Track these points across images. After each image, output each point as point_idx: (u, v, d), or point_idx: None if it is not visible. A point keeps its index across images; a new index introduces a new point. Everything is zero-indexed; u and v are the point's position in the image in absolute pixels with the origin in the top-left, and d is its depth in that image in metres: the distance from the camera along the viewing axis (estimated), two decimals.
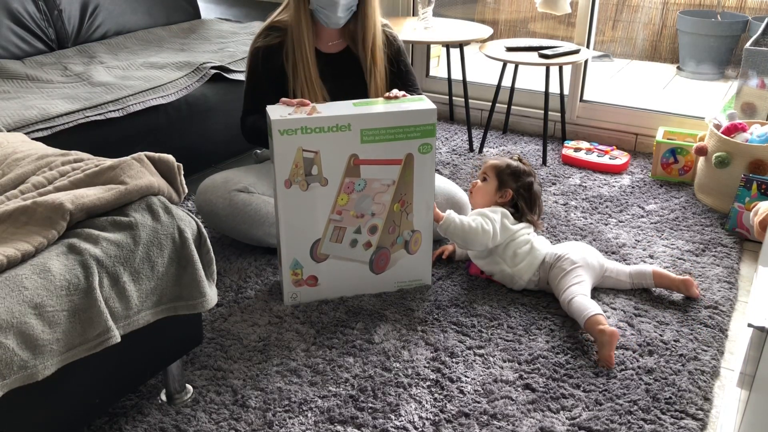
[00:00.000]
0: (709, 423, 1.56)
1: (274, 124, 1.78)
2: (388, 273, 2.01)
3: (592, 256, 2.01)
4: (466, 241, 1.99)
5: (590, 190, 2.72)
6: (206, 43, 2.97)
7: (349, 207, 1.91)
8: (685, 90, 4.38)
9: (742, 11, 4.60)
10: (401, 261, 2.01)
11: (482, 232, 1.96)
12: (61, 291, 1.20)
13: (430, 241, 2.02)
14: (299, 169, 1.84)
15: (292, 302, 1.97)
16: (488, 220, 1.99)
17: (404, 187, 1.92)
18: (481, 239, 1.97)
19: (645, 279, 2.02)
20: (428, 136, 1.89)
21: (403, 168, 1.90)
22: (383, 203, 1.92)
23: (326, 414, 1.57)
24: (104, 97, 2.27)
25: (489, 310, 1.94)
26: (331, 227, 1.92)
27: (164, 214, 1.40)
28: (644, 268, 2.03)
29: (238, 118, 2.27)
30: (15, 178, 1.42)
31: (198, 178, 2.35)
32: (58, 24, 2.81)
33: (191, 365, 1.72)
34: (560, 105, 3.14)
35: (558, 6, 3.12)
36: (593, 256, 2.02)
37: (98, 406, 1.41)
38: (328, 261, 1.96)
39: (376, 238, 1.96)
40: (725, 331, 1.88)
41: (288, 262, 1.93)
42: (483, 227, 1.97)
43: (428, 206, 1.97)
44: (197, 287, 1.44)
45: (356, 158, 1.86)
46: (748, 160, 2.43)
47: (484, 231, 1.96)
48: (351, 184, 1.88)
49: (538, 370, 1.71)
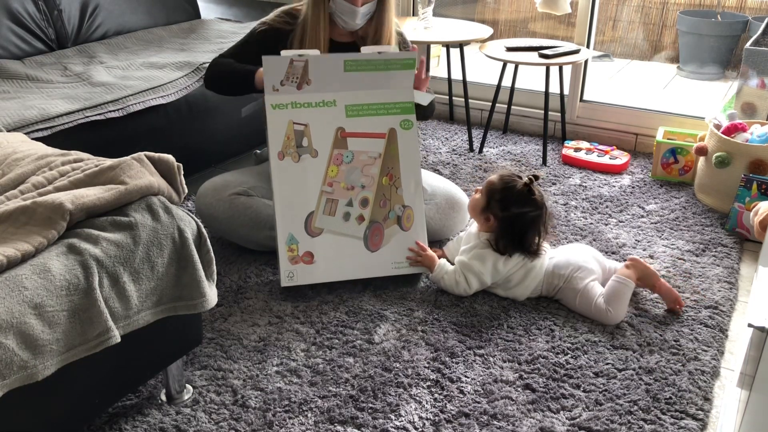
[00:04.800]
0: (709, 423, 1.56)
1: (267, 99, 1.97)
2: (383, 252, 2.04)
3: (594, 262, 1.98)
4: (453, 293, 1.99)
5: (590, 190, 2.72)
6: (206, 43, 2.97)
7: (339, 179, 2.01)
8: (685, 90, 4.38)
9: (742, 11, 4.60)
10: (396, 237, 2.04)
11: (462, 291, 1.97)
12: (61, 291, 1.20)
13: (422, 220, 2.07)
14: (290, 141, 1.98)
15: (289, 282, 1.97)
16: (472, 276, 1.94)
17: (390, 161, 2.05)
18: (461, 293, 1.97)
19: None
20: (407, 113, 2.08)
21: (388, 142, 2.05)
22: (371, 176, 2.02)
23: (326, 414, 1.57)
24: (104, 97, 2.27)
25: (489, 310, 1.94)
26: (323, 199, 2.00)
27: (164, 214, 1.40)
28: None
29: (238, 118, 2.27)
30: (15, 178, 1.42)
31: (198, 178, 2.35)
32: (58, 24, 2.80)
33: (191, 365, 1.72)
34: (560, 105, 3.14)
35: (558, 6, 3.12)
36: (594, 262, 1.98)
37: (98, 406, 1.41)
38: (323, 236, 2.00)
39: (368, 211, 2.02)
40: (725, 331, 1.87)
41: (284, 237, 1.97)
42: (464, 288, 1.96)
43: (416, 183, 2.07)
44: (197, 287, 1.44)
45: (343, 131, 2.01)
46: (748, 160, 2.43)
47: (464, 291, 1.96)
48: (339, 156, 2.01)
49: (538, 370, 1.71)
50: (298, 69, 1.95)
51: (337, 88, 2.02)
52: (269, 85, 1.97)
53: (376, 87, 2.05)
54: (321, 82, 2.00)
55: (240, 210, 2.12)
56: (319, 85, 2.00)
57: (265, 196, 2.17)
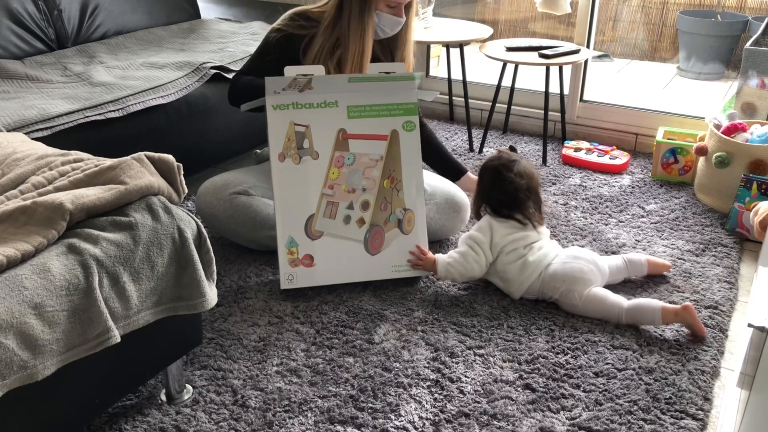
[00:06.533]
0: (709, 423, 1.56)
1: (268, 100, 1.95)
2: (384, 255, 2.03)
3: (592, 273, 1.92)
4: (465, 276, 1.98)
5: (590, 190, 2.72)
6: (206, 43, 2.97)
7: (340, 181, 2.00)
8: (685, 90, 4.38)
9: (742, 11, 4.60)
10: (396, 241, 2.04)
11: (474, 264, 1.95)
12: (61, 291, 1.20)
13: (423, 223, 2.06)
14: (291, 142, 1.96)
15: (289, 285, 1.97)
16: (475, 244, 1.95)
17: (392, 163, 2.04)
18: (475, 268, 1.96)
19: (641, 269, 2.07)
20: (410, 114, 2.06)
21: (390, 144, 2.04)
22: (373, 178, 2.00)
23: (326, 414, 1.57)
24: (104, 97, 2.27)
25: (489, 310, 1.94)
26: (324, 202, 1.99)
27: (164, 214, 1.40)
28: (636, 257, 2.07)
29: (238, 118, 2.27)
30: (15, 178, 1.42)
31: (198, 178, 2.35)
32: (58, 24, 2.81)
33: (191, 365, 1.72)
34: (560, 105, 3.13)
35: (558, 6, 3.12)
36: (593, 272, 1.92)
37: (98, 406, 1.41)
38: (323, 239, 1.99)
39: (368, 215, 2.00)
40: (725, 331, 1.87)
41: (284, 240, 1.96)
42: (473, 258, 1.95)
43: (418, 186, 2.05)
44: (197, 287, 1.44)
45: (344, 132, 2.00)
46: (748, 160, 2.43)
47: (475, 261, 1.95)
48: (341, 158, 1.99)
49: (538, 370, 1.71)
50: (300, 83, 1.95)
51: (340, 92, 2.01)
52: (270, 90, 1.96)
53: (379, 91, 2.04)
54: (324, 92, 1.99)
55: (240, 209, 2.12)
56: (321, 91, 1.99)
57: (265, 195, 2.17)
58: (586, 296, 1.88)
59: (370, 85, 2.02)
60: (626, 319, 1.85)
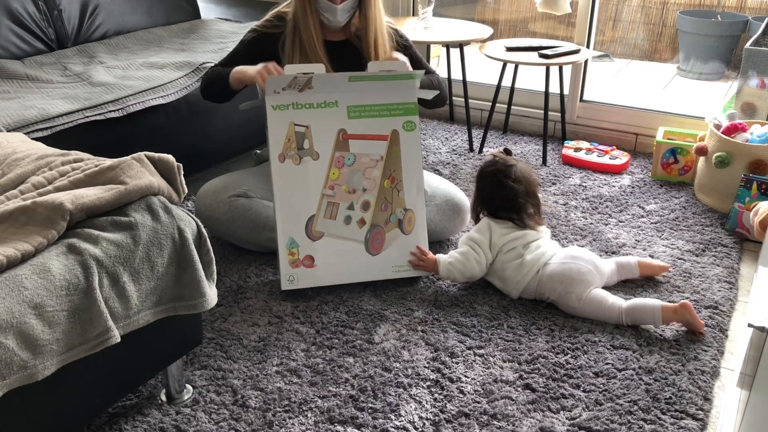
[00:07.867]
0: (709, 423, 1.56)
1: (268, 101, 1.95)
2: (384, 256, 2.03)
3: (591, 274, 1.91)
4: (466, 276, 1.99)
5: (590, 190, 2.72)
6: (206, 43, 2.97)
7: (340, 181, 2.00)
8: (685, 90, 4.38)
9: (742, 11, 4.60)
10: (397, 242, 2.03)
11: (474, 263, 1.96)
12: (61, 291, 1.20)
13: (424, 223, 2.06)
14: (291, 143, 1.96)
15: (289, 286, 1.97)
16: (475, 244, 1.97)
17: (392, 164, 2.03)
18: (476, 268, 1.97)
19: (631, 271, 2.06)
20: (411, 114, 2.06)
21: (390, 144, 2.03)
22: (374, 179, 2.00)
23: (326, 414, 1.57)
24: (104, 97, 2.27)
25: (489, 310, 1.94)
26: (324, 203, 1.98)
27: (164, 214, 1.40)
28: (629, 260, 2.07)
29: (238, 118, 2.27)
30: (15, 178, 1.42)
31: (198, 178, 2.35)
32: (58, 24, 2.80)
33: (191, 365, 1.72)
34: (560, 105, 3.14)
35: (558, 6, 3.12)
36: (592, 273, 1.92)
37: (98, 406, 1.41)
38: (324, 240, 1.99)
39: (369, 215, 2.00)
40: (725, 331, 1.87)
41: (284, 241, 1.96)
42: (474, 257, 1.96)
43: (418, 186, 2.05)
44: (197, 287, 1.44)
45: (344, 133, 1.99)
46: (748, 160, 2.43)
47: (476, 261, 1.96)
48: (341, 158, 1.99)
49: (538, 370, 1.71)
50: (301, 81, 1.95)
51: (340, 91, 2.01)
52: (270, 90, 1.96)
53: (379, 90, 2.04)
54: (324, 92, 1.99)
55: (240, 212, 2.12)
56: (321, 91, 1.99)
57: (264, 197, 2.17)
58: (585, 299, 1.88)
59: (371, 84, 2.01)
60: (627, 321, 1.85)
